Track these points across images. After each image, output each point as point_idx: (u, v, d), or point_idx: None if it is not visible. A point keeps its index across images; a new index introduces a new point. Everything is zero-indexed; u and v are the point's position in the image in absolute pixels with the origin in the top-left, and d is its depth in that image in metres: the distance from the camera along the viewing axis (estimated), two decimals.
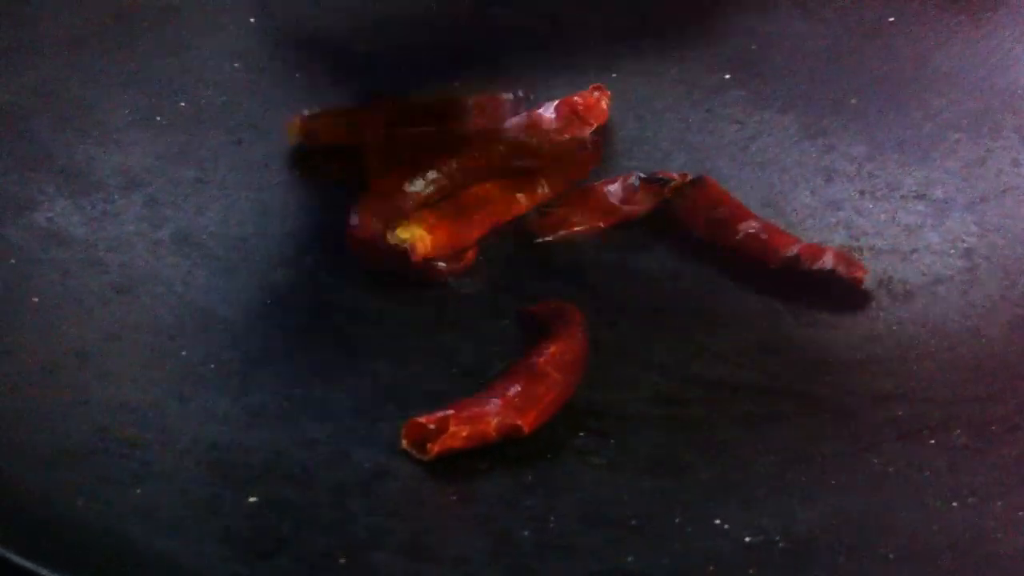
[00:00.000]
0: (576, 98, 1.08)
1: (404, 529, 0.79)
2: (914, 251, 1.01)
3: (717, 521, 0.81)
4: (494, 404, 0.85)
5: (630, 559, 0.78)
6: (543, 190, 1.02)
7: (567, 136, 1.06)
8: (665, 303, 0.97)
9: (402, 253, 0.95)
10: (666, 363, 0.92)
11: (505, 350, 0.92)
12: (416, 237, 0.96)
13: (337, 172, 1.05)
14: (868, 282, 0.97)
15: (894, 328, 0.95)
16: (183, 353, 0.90)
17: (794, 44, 1.18)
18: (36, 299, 0.94)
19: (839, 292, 0.97)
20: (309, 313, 0.95)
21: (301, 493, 0.80)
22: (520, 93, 1.08)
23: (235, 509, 0.79)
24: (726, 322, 0.96)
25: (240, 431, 0.85)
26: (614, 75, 1.14)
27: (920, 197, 1.05)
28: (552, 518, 0.81)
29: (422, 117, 1.07)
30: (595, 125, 1.07)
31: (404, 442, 0.83)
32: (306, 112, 1.07)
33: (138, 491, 0.79)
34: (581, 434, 0.87)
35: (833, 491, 0.83)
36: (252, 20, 1.18)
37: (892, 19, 1.19)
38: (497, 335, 0.94)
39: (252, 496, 0.80)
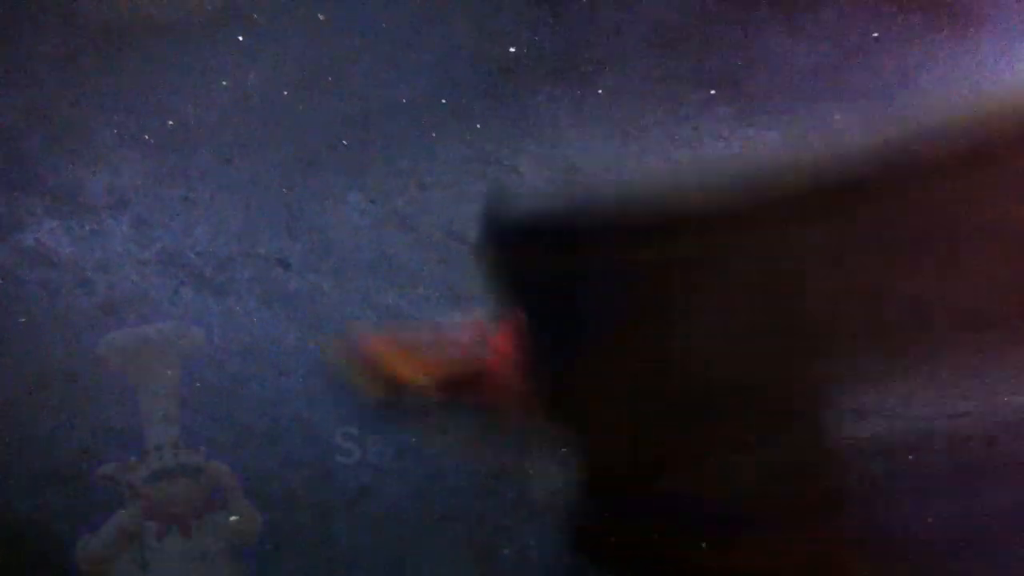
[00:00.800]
0: None
1: (386, 548, 0.79)
2: None
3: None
4: None
5: None
6: None
7: None
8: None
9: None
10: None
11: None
12: None
13: None
14: None
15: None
16: (168, 373, 0.91)
17: (779, 61, 1.17)
18: (23, 319, 0.94)
19: None
20: (292, 333, 0.96)
21: (284, 514, 0.80)
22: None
23: (217, 530, 0.79)
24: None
25: (225, 453, 0.85)
26: (600, 91, 1.14)
27: None
28: (534, 537, 0.81)
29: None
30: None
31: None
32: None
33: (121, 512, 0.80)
34: (564, 450, 0.87)
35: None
36: (240, 39, 1.18)
37: (876, 36, 1.19)
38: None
39: (234, 516, 0.80)
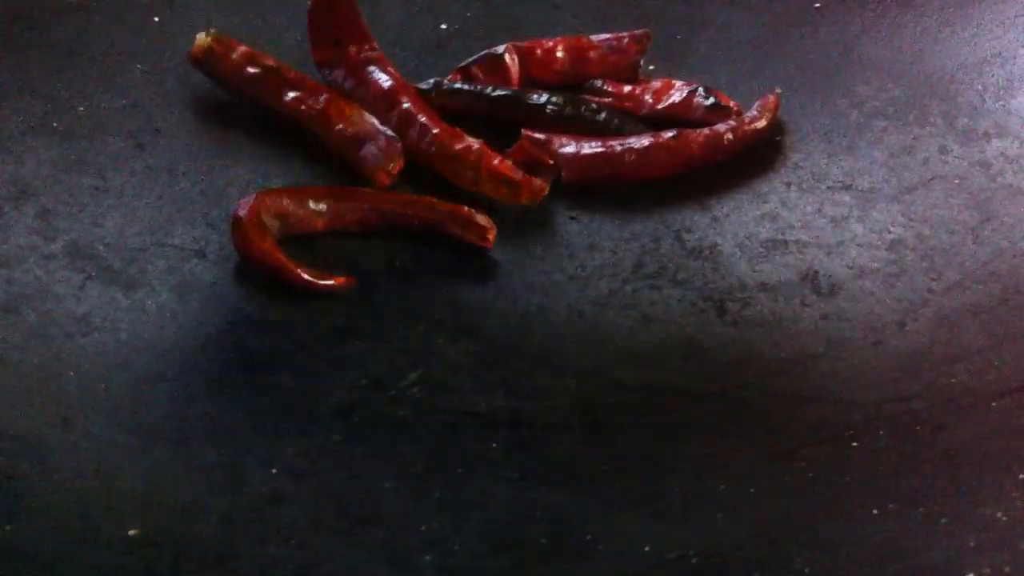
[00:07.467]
0: None
1: (296, 559, 0.75)
2: (840, 243, 0.98)
3: (630, 537, 0.78)
4: None
5: None
6: None
7: None
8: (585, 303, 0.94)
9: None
10: (585, 368, 0.89)
11: (416, 358, 0.89)
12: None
13: None
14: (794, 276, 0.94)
15: (819, 324, 0.92)
16: (71, 374, 0.86)
17: (719, 32, 1.15)
18: None
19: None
20: (208, 326, 0.91)
21: (187, 524, 0.77)
22: None
23: (112, 544, 0.75)
24: (648, 320, 0.92)
25: (126, 457, 0.81)
26: None
27: (846, 188, 1.02)
28: (457, 541, 0.77)
29: None
30: None
31: None
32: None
33: (8, 528, 0.76)
34: (493, 445, 0.84)
35: (752, 500, 0.81)
36: (156, 19, 1.14)
37: (818, 5, 1.16)
38: (408, 342, 0.91)
39: (132, 529, 0.76)
